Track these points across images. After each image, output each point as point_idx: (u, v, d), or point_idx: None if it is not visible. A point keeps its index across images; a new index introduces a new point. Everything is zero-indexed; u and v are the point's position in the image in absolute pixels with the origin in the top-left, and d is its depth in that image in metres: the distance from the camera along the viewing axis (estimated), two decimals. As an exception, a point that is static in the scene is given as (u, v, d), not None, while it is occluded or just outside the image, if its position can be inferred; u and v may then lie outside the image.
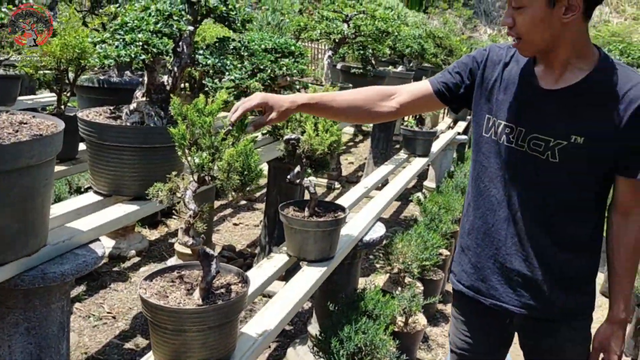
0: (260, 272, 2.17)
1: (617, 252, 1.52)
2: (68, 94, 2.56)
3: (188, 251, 3.89)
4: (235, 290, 1.63)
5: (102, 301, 3.43)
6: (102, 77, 2.78)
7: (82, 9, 2.72)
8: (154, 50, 1.96)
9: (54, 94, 2.60)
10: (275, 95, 1.59)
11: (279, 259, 2.32)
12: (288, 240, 2.35)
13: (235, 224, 4.79)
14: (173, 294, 1.60)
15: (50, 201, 1.64)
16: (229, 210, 5.10)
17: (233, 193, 1.47)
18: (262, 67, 2.56)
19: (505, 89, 1.57)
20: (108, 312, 3.32)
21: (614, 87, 1.42)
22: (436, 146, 4.91)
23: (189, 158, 1.45)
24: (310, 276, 2.20)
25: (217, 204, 5.15)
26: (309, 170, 2.33)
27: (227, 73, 2.13)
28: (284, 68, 2.64)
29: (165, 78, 2.22)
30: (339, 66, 4.87)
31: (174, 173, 1.54)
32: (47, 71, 2.46)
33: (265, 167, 4.57)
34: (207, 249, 1.57)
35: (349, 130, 8.61)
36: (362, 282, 3.43)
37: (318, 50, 9.84)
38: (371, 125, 6.04)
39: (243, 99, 1.56)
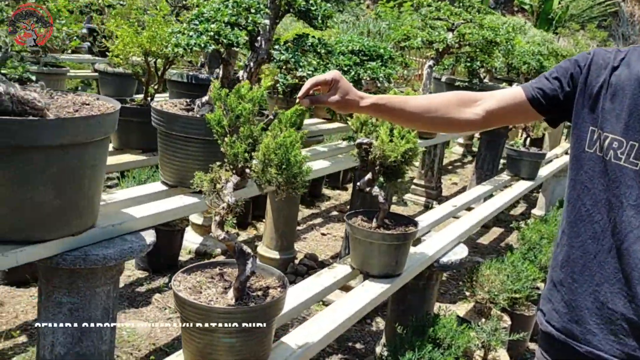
0: (317, 281, 2.04)
1: None
2: (155, 86, 2.62)
3: (272, 255, 3.85)
4: (272, 294, 1.52)
5: (181, 295, 3.46)
6: (191, 73, 2.82)
7: (176, 3, 2.79)
8: (225, 41, 1.92)
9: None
10: (349, 83, 1.45)
11: (340, 270, 2.17)
12: (352, 251, 2.20)
13: (323, 234, 4.70)
14: (207, 291, 1.52)
15: (101, 183, 1.63)
16: (319, 220, 5.02)
17: (274, 188, 1.36)
18: (345, 68, 2.45)
19: (613, 97, 1.31)
20: (183, 307, 3.35)
21: None
22: (546, 170, 4.49)
23: (227, 147, 1.36)
24: (369, 292, 2.03)
25: (307, 212, 5.10)
26: (381, 179, 2.17)
27: (299, 69, 2.04)
28: (369, 71, 2.51)
29: (240, 73, 2.18)
30: (443, 78, 4.64)
31: (217, 163, 1.47)
32: (138, 60, 2.52)
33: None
34: (244, 247, 1.47)
35: (457, 150, 8.25)
36: (443, 307, 3.18)
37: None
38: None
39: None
